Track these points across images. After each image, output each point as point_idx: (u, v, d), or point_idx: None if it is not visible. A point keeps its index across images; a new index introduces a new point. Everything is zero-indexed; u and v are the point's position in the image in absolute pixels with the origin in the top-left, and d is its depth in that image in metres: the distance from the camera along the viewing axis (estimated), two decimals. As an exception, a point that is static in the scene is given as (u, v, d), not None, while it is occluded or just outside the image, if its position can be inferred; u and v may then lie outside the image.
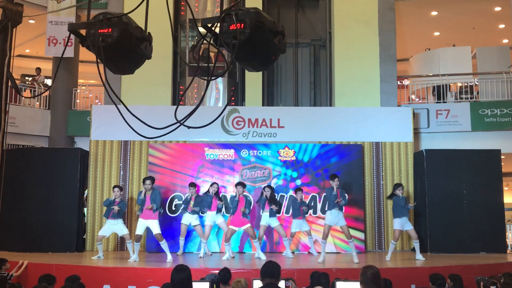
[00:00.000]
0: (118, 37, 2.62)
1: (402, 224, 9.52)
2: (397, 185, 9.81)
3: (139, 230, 9.26)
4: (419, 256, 9.41)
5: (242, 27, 2.61)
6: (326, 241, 9.32)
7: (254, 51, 2.79)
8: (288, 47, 13.81)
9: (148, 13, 3.47)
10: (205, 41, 3.01)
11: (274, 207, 9.63)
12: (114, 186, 9.86)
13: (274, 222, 9.77)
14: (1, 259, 7.57)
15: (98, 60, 2.78)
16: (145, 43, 2.84)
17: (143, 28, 2.88)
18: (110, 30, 2.61)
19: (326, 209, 9.55)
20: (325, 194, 10.20)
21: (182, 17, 13.24)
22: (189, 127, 2.83)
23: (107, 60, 2.69)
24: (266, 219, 9.77)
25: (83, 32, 2.75)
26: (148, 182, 9.35)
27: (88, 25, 2.63)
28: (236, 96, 13.00)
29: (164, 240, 9.29)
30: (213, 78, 2.78)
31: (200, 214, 9.95)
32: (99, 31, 2.61)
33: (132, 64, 2.91)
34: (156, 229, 9.23)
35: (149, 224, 9.24)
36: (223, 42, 2.68)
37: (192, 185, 10.03)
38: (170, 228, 10.60)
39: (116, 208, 9.32)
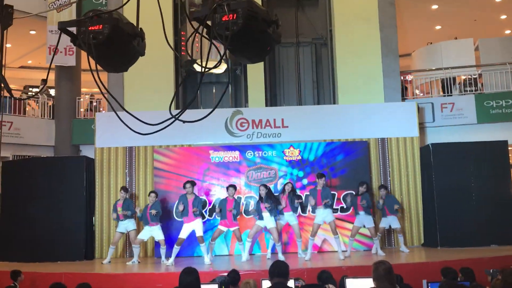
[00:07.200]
0: (109, 34, 2.58)
1: (361, 221, 9.94)
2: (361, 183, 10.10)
3: (183, 234, 9.42)
4: (379, 251, 9.92)
5: (234, 17, 2.57)
6: (313, 238, 9.69)
7: (248, 42, 2.75)
8: (289, 47, 13.76)
9: (150, 19, 3.44)
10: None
11: (267, 206, 9.47)
12: (151, 192, 10.02)
13: (270, 224, 9.58)
14: (15, 271, 7.57)
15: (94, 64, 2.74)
16: (137, 39, 2.80)
17: (135, 24, 2.84)
18: (101, 27, 2.57)
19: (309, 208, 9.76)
20: (308, 193, 10.14)
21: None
22: (184, 122, 2.79)
23: (99, 58, 2.65)
24: (265, 219, 9.60)
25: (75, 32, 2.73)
26: (188, 185, 9.52)
27: (78, 22, 2.60)
28: (239, 97, 12.97)
29: (205, 243, 9.50)
30: (206, 70, 2.74)
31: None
32: (90, 28, 2.58)
33: (125, 61, 2.87)
34: (199, 231, 9.40)
35: (194, 225, 9.39)
36: (216, 34, 2.63)
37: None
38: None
39: (153, 211, 9.56)
